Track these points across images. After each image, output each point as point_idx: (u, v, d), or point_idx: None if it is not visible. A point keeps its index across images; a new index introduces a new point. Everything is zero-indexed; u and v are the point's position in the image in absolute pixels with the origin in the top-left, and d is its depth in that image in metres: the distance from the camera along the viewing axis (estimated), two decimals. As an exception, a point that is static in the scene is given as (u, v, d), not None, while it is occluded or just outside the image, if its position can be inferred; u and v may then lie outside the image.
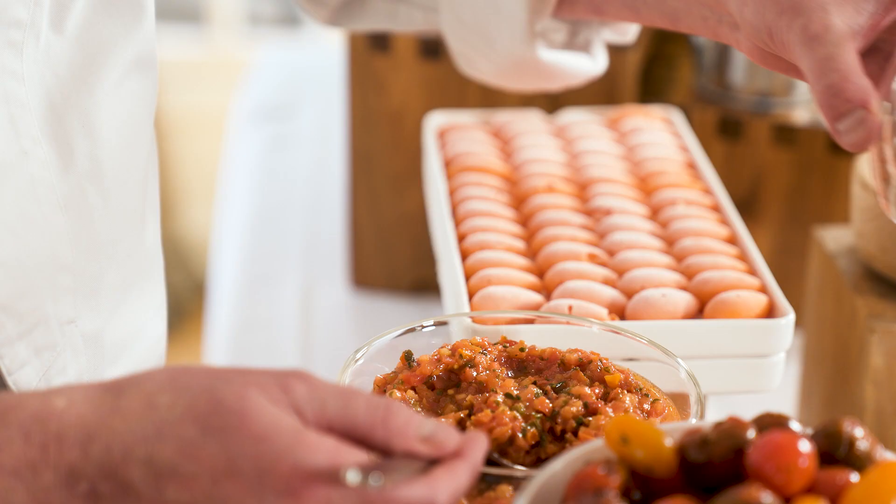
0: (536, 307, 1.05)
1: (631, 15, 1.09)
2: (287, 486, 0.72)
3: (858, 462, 0.73)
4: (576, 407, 0.88)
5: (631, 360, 0.96)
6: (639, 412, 0.89)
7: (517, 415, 0.87)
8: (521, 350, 0.94)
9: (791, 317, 1.04)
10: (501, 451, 0.87)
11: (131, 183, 1.00)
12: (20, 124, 0.91)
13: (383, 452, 0.74)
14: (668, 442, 0.73)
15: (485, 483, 0.83)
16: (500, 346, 0.94)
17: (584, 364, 0.92)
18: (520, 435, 0.87)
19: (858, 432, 0.74)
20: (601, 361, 0.92)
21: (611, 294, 1.06)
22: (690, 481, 0.73)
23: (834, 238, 1.32)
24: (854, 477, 0.71)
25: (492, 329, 0.98)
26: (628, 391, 0.91)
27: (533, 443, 0.87)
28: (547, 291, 1.08)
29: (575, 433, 0.87)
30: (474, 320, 0.99)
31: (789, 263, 1.54)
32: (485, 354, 0.92)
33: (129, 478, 0.73)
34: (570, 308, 1.03)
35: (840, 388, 1.27)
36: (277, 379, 0.75)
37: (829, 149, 1.51)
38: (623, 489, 0.72)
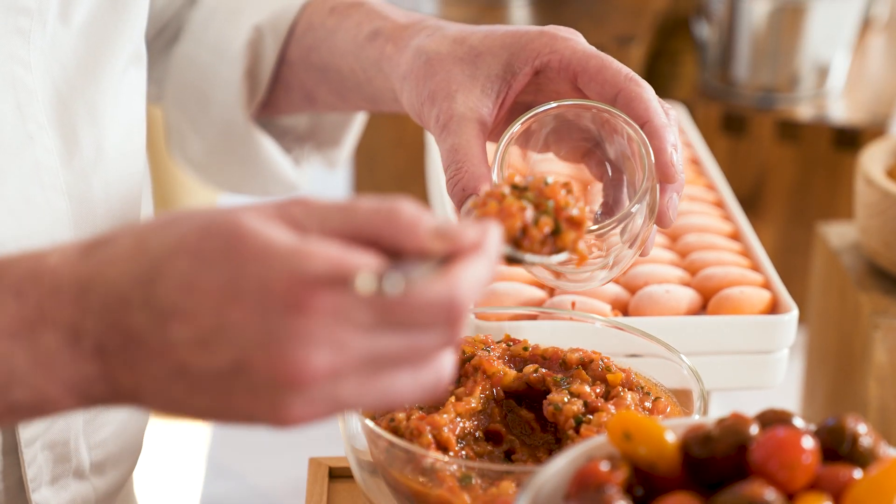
0: (539, 303, 1.05)
1: (339, 102, 1.12)
2: (289, 299, 0.66)
3: (862, 459, 0.73)
4: (576, 405, 0.88)
5: (634, 356, 0.96)
6: (640, 410, 0.89)
7: (526, 204, 0.83)
8: (525, 349, 0.94)
9: (794, 313, 1.04)
10: (515, 244, 0.82)
11: (131, 173, 1.01)
12: (26, 110, 0.92)
13: (393, 255, 0.69)
14: (671, 438, 0.73)
15: (487, 479, 0.83)
16: (504, 345, 0.94)
17: (585, 363, 0.92)
18: (531, 224, 0.83)
19: (862, 429, 0.74)
20: (602, 361, 0.92)
21: (614, 290, 1.06)
22: (693, 477, 0.73)
23: (838, 234, 1.32)
24: (857, 473, 0.71)
25: (495, 325, 0.98)
26: (630, 390, 0.90)
27: (547, 231, 0.83)
28: (550, 288, 1.08)
29: (576, 430, 0.87)
30: (478, 316, 0.99)
31: (793, 259, 1.54)
32: (487, 351, 0.92)
33: (132, 325, 0.69)
34: (574, 304, 1.03)
35: (844, 385, 1.27)
36: (275, 204, 0.71)
37: (833, 145, 1.51)
38: (626, 485, 0.72)
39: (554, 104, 0.93)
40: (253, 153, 1.18)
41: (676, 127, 0.94)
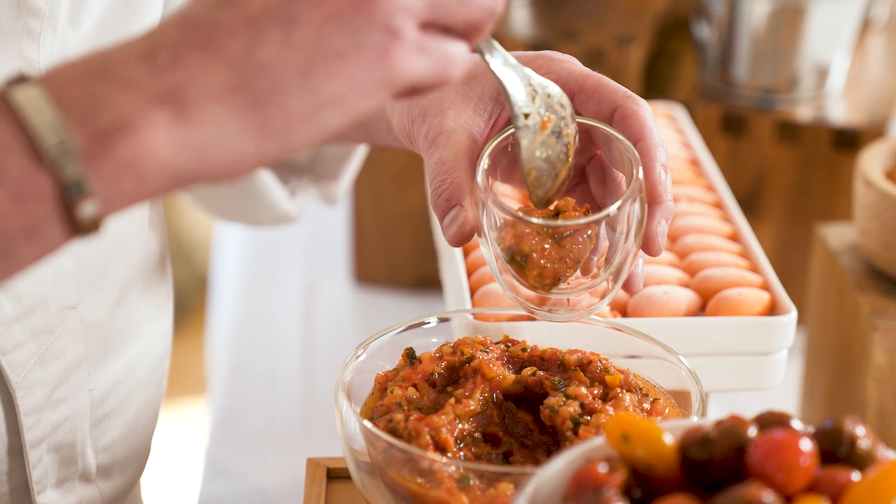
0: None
1: None
2: None
3: (860, 461, 0.73)
4: (572, 407, 0.88)
5: (632, 357, 0.96)
6: (638, 412, 0.89)
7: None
8: (523, 350, 0.94)
9: (793, 314, 1.04)
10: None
11: None
12: None
13: None
14: (669, 440, 0.73)
15: (485, 481, 0.83)
16: (503, 346, 0.94)
17: (584, 364, 0.92)
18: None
19: (860, 431, 0.74)
20: (601, 362, 0.92)
21: (613, 291, 1.06)
22: (691, 479, 0.73)
23: (837, 235, 1.32)
24: (855, 476, 0.71)
25: (493, 326, 0.98)
26: (628, 391, 0.90)
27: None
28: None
29: (575, 432, 0.87)
30: (476, 317, 0.99)
31: (792, 260, 1.54)
32: (486, 353, 0.92)
33: (198, 18, 0.70)
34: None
35: (842, 386, 1.27)
36: None
37: (832, 146, 1.51)
38: (624, 487, 0.72)
39: None
40: (248, 182, 1.18)
41: (665, 151, 0.93)
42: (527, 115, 0.88)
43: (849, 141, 1.50)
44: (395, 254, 1.65)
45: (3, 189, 0.66)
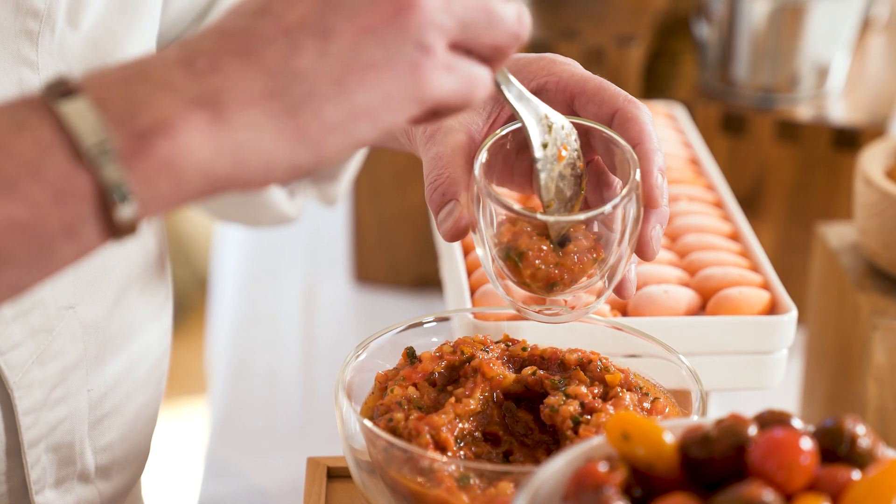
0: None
1: None
2: None
3: (860, 460, 0.73)
4: (573, 406, 0.88)
5: (633, 356, 0.96)
6: (639, 411, 0.89)
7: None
8: (523, 349, 0.93)
9: (793, 313, 1.04)
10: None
11: None
12: None
13: None
14: (670, 439, 0.73)
15: (485, 480, 0.83)
16: (503, 345, 0.94)
17: (584, 364, 0.92)
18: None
19: (860, 430, 0.74)
20: (601, 361, 0.92)
21: (613, 290, 1.06)
22: (692, 478, 0.73)
23: (837, 234, 1.32)
24: (855, 475, 0.71)
25: (493, 325, 0.98)
26: (628, 390, 0.90)
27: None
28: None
29: (575, 431, 0.87)
30: (476, 316, 0.99)
31: (792, 260, 1.54)
32: (486, 352, 0.92)
33: (235, 27, 0.71)
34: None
35: (842, 385, 1.27)
36: None
37: (832, 145, 1.51)
38: (624, 486, 0.72)
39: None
40: None
41: (664, 156, 0.93)
42: (545, 146, 0.89)
43: (849, 140, 1.50)
44: (395, 254, 1.65)
45: (45, 187, 0.67)
